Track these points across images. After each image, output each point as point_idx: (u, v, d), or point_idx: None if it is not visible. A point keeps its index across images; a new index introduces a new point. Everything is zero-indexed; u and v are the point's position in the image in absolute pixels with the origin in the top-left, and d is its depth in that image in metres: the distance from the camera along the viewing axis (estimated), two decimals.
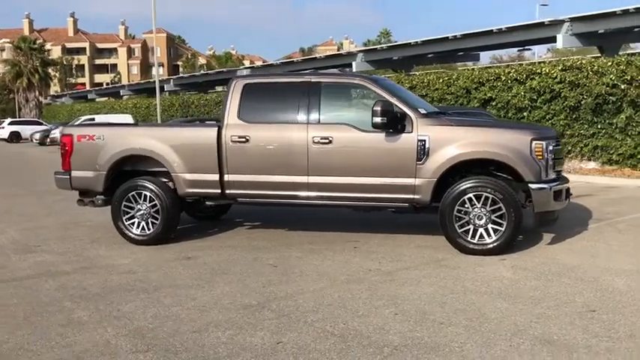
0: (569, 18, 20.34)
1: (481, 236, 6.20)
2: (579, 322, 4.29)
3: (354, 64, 29.83)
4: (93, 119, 29.31)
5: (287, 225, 7.95)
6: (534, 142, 6.14)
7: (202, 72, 57.76)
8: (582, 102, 13.13)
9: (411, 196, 6.40)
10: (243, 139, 6.75)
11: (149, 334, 4.28)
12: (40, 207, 10.43)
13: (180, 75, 60.41)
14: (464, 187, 6.17)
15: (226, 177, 6.86)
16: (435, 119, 6.46)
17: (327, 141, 6.51)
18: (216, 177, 6.89)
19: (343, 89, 7.04)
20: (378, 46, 28.51)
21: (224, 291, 5.24)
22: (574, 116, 13.46)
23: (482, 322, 4.32)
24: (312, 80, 6.85)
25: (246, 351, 3.93)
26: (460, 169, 6.39)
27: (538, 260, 5.99)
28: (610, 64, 12.80)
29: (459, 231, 6.23)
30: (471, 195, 6.16)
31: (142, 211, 7.06)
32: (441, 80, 16.11)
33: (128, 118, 29.42)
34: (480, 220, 6.16)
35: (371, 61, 29.64)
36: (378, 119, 6.13)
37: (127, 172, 7.27)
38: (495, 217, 6.14)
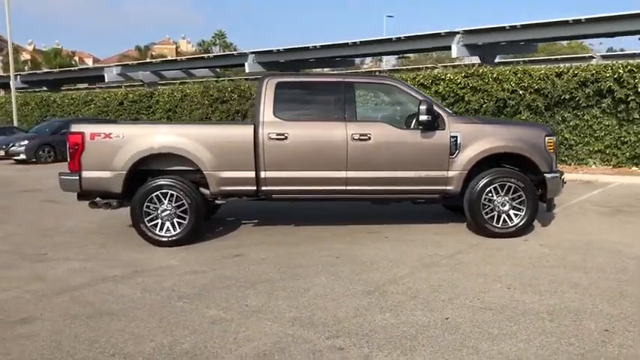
0: (463, 30, 22.65)
1: (504, 221, 7.01)
2: (625, 275, 5.22)
3: (246, 64, 29.78)
4: None
5: (288, 221, 8.17)
6: (547, 138, 7.11)
7: (62, 69, 52.63)
8: (484, 105, 14.74)
9: (443, 188, 7.03)
10: (282, 137, 6.87)
11: (308, 320, 4.40)
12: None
13: (32, 71, 54.53)
14: (491, 177, 6.94)
15: (262, 174, 6.93)
16: (463, 118, 7.16)
17: (366, 137, 6.90)
18: (252, 174, 6.92)
19: (375, 89, 7.47)
20: (274, 48, 28.73)
21: (328, 281, 5.42)
22: None
23: (586, 287, 5.07)
24: (347, 80, 7.17)
25: (426, 327, 4.25)
26: (480, 163, 7.14)
27: (555, 239, 6.93)
28: (509, 72, 14.54)
29: (486, 217, 6.98)
30: (497, 185, 6.94)
31: (167, 212, 6.85)
32: None
33: None
34: (504, 206, 6.98)
35: (262, 63, 29.81)
36: (425, 117, 6.67)
37: (141, 173, 6.98)
38: (516, 203, 6.99)
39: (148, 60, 49.87)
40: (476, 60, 23.20)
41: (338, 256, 6.32)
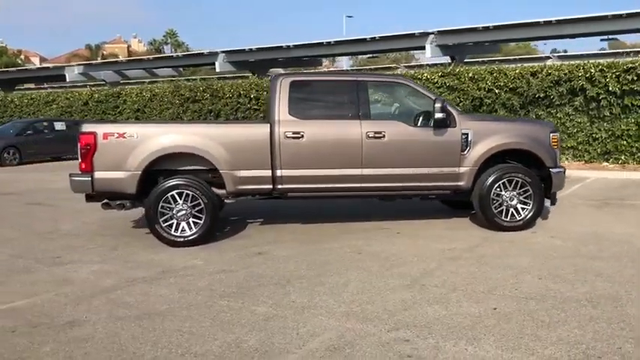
0: (437, 31, 23.12)
1: (512, 215, 7.26)
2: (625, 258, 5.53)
3: (217, 63, 29.40)
4: None
5: (293, 219, 8.22)
6: (552, 134, 7.41)
7: (20, 68, 50.27)
8: (460, 104, 15.10)
9: (455, 184, 7.22)
10: (298, 135, 6.92)
11: (362, 314, 4.49)
12: None
13: None
14: (500, 173, 7.17)
15: (278, 172, 6.96)
16: (473, 115, 7.38)
17: (380, 135, 7.02)
18: (268, 173, 6.94)
19: (387, 88, 7.60)
20: (247, 47, 28.45)
21: (361, 276, 5.51)
22: None
23: (611, 276, 5.32)
24: (360, 79, 7.28)
25: (479, 317, 4.40)
26: (489, 159, 7.36)
27: (562, 231, 7.22)
28: (484, 71, 14.96)
29: (495, 211, 7.21)
30: (505, 180, 7.18)
31: (183, 212, 6.80)
32: None
33: None
34: (512, 201, 7.23)
35: (233, 62, 29.52)
36: (440, 115, 6.85)
37: (151, 173, 6.91)
38: (523, 197, 7.25)
39: (112, 59, 48.58)
40: (441, 60, 23.79)
41: (360, 252, 6.42)
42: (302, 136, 6.92)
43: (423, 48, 24.36)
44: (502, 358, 3.73)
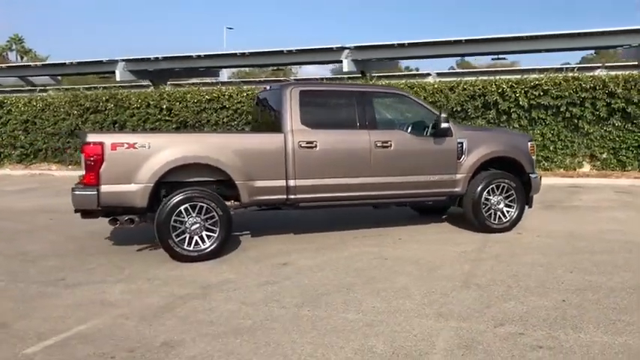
0: (354, 46, 23.87)
1: (499, 217, 7.85)
2: (617, 250, 6.35)
3: (117, 72, 27.50)
4: None
5: (283, 230, 8.21)
6: (529, 143, 8.13)
7: None
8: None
9: (452, 190, 7.66)
10: (311, 145, 6.95)
11: (449, 314, 4.69)
12: None
13: None
14: (489, 179, 7.73)
15: (292, 182, 6.93)
16: (464, 126, 7.88)
17: (387, 145, 7.27)
18: (282, 183, 6.89)
19: (388, 99, 7.84)
20: (152, 56, 26.78)
21: (410, 280, 5.69)
22: None
23: (623, 266, 6.00)
24: (366, 90, 7.48)
25: (559, 309, 4.78)
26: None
27: (542, 231, 7.93)
28: (403, 85, 15.80)
29: (485, 215, 7.76)
30: (493, 185, 7.76)
31: (197, 225, 6.54)
32: (245, 94, 16.95)
33: None
34: (499, 205, 7.82)
35: (133, 71, 27.80)
36: (445, 125, 7.25)
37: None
38: (508, 201, 7.87)
39: None
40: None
41: (385, 258, 6.59)
42: (315, 145, 6.96)
43: (340, 61, 25.07)
44: (617, 342, 4.11)
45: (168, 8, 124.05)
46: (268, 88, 7.95)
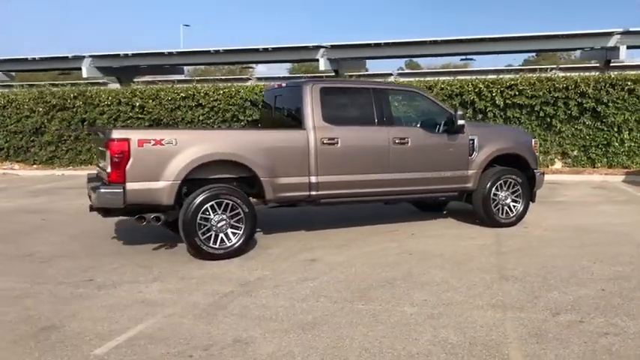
0: (330, 45, 23.88)
1: (506, 212, 8.08)
2: (625, 243, 6.69)
3: (83, 68, 26.44)
4: None
5: (292, 227, 8.20)
6: (533, 140, 8.39)
7: None
8: None
9: (464, 185, 7.83)
10: (333, 141, 6.98)
11: (509, 304, 4.82)
12: None
13: None
14: (498, 175, 7.94)
15: (314, 178, 6.93)
16: (475, 123, 8.06)
17: (404, 141, 7.37)
18: (306, 179, 6.89)
19: (403, 96, 7.93)
20: (122, 52, 25.58)
21: (447, 274, 5.79)
22: None
23: (625, 258, 6.32)
24: (380, 87, 7.55)
25: (602, 297, 4.98)
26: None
27: (545, 225, 8.22)
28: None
29: (494, 210, 7.98)
30: (502, 181, 7.98)
31: (223, 222, 6.47)
32: (221, 92, 16.75)
33: None
34: (506, 200, 8.05)
35: (100, 67, 26.83)
36: (462, 122, 7.41)
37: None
38: (514, 197, 8.11)
39: None
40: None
41: (410, 253, 6.68)
42: (337, 142, 6.99)
43: (317, 60, 25.05)
44: None
45: (115, 6, 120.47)
46: (283, 85, 7.90)
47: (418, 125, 7.70)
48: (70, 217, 9.42)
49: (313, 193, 6.96)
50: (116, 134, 6.09)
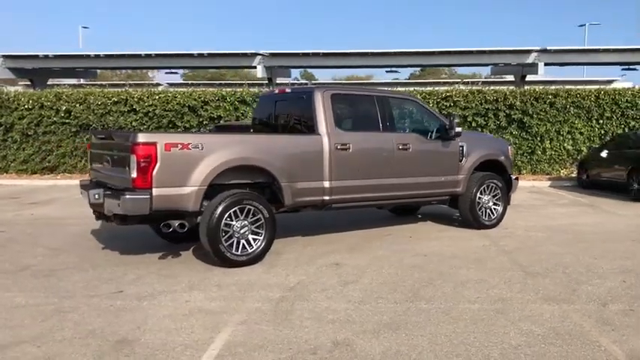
0: (269, 53, 23.37)
1: (488, 215, 8.59)
2: (605, 240, 7.45)
3: None
4: None
5: (289, 233, 8.21)
6: (509, 147, 8.98)
7: None
8: None
9: (454, 190, 8.22)
10: (346, 147, 7.08)
11: (553, 298, 5.19)
12: None
13: None
14: (482, 180, 8.42)
15: (327, 183, 6.99)
16: (464, 131, 8.46)
17: (406, 147, 7.62)
18: (321, 184, 6.93)
19: (401, 103, 8.13)
20: (41, 53, 23.16)
21: (478, 273, 6.07)
22: None
23: (635, 253, 6.97)
24: (383, 95, 7.74)
25: (630, 288, 5.48)
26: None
27: (526, 226, 8.81)
28: None
29: (479, 213, 8.45)
30: (485, 186, 8.48)
31: (245, 229, 6.37)
32: (157, 97, 16.21)
33: None
34: (489, 203, 8.56)
35: (11, 68, 24.34)
36: (459, 129, 7.78)
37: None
38: (495, 200, 8.64)
39: None
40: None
41: (425, 255, 6.92)
42: (349, 147, 7.10)
43: (254, 67, 24.56)
44: None
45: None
46: (287, 90, 7.87)
47: (417, 132, 7.97)
48: (29, 228, 8.78)
49: (327, 197, 7.01)
50: (142, 138, 5.80)
